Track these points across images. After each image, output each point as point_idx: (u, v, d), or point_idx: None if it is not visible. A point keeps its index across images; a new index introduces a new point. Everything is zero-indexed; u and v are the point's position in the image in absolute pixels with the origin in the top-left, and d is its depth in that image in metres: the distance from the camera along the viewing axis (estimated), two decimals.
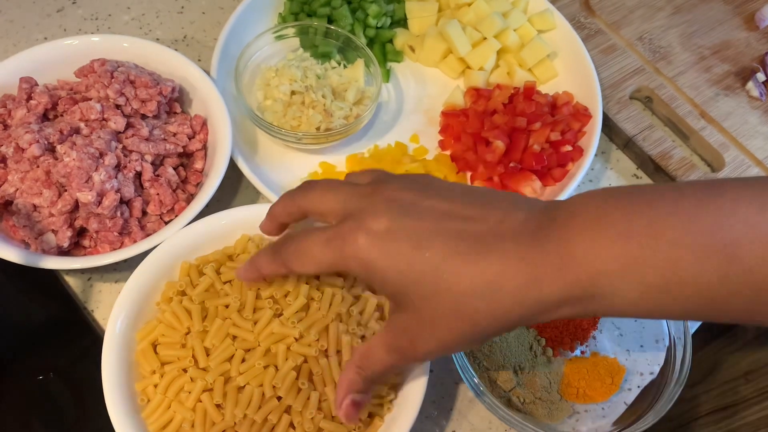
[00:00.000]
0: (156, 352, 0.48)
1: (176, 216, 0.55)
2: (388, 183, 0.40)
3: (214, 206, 0.55)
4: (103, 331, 0.54)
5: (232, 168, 0.57)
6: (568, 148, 0.61)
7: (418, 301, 0.37)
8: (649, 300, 0.34)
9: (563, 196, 0.59)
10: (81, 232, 0.54)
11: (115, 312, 0.48)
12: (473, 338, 0.37)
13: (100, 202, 0.52)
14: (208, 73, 0.61)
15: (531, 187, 0.60)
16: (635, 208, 0.34)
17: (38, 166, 0.52)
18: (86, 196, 0.51)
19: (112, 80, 0.56)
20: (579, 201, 0.35)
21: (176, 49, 0.61)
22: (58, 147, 0.52)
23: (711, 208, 0.33)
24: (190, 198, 0.57)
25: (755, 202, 0.32)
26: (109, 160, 0.53)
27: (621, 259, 0.33)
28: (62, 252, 0.53)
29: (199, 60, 0.69)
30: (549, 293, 0.34)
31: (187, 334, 0.47)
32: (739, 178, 0.39)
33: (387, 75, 0.69)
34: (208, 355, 0.46)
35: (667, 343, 0.56)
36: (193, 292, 0.49)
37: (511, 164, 0.61)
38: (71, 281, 0.56)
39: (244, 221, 0.53)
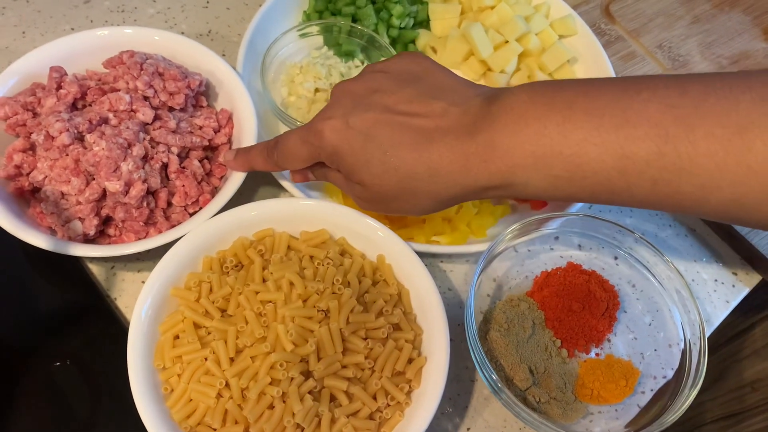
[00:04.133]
0: (177, 345, 0.49)
1: (201, 208, 0.56)
2: (349, 80, 0.48)
3: (236, 199, 0.55)
4: (125, 320, 0.55)
5: None
6: None
7: (369, 178, 0.45)
8: (557, 188, 0.40)
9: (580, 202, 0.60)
10: (106, 221, 0.55)
11: (140, 302, 0.48)
12: (412, 209, 0.47)
13: (127, 192, 0.52)
14: (233, 68, 0.61)
15: None
16: (555, 108, 0.39)
17: (67, 155, 0.53)
18: (114, 186, 0.52)
19: (142, 72, 0.56)
20: (512, 96, 0.41)
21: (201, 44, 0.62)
22: (87, 136, 0.53)
23: (622, 106, 0.37)
24: (214, 191, 0.58)
25: (664, 101, 0.37)
26: (137, 150, 0.53)
27: (534, 155, 0.39)
28: (88, 240, 0.54)
29: (224, 55, 0.69)
30: (476, 180, 0.41)
31: (209, 333, 0.48)
32: (660, 75, 0.44)
33: None
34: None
35: (682, 347, 0.57)
36: (215, 294, 0.50)
37: None
38: (95, 269, 0.57)
39: (269, 214, 0.54)
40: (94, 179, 0.53)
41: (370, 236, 0.54)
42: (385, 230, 0.53)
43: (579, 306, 0.57)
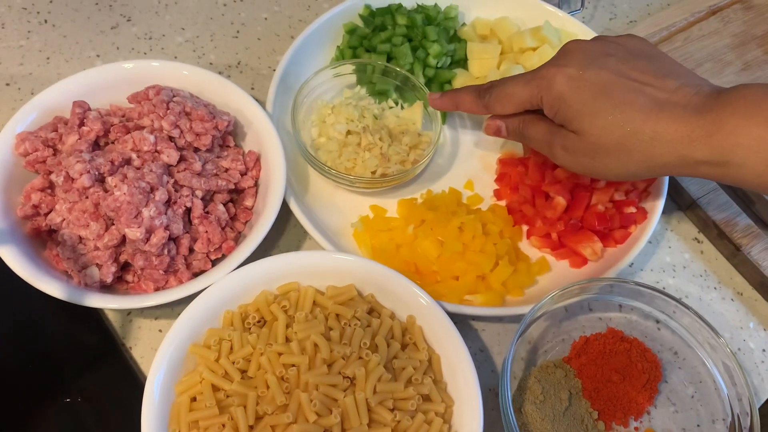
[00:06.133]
0: (194, 409, 0.46)
1: (223, 255, 0.53)
2: (584, 40, 0.51)
3: (259, 245, 0.52)
4: (140, 370, 0.53)
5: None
6: (632, 209, 0.59)
7: (590, 128, 0.47)
8: None
9: (626, 261, 0.56)
10: (124, 266, 0.52)
11: (156, 366, 0.45)
12: (618, 170, 0.48)
13: (148, 239, 0.50)
14: (261, 103, 0.59)
15: (591, 248, 0.58)
16: None
17: (87, 198, 0.50)
18: (135, 233, 0.49)
19: (168, 111, 0.54)
20: (745, 89, 0.44)
21: (229, 75, 0.59)
22: (109, 179, 0.50)
23: None
24: (237, 236, 0.55)
25: None
26: (160, 195, 0.51)
27: (760, 138, 0.41)
28: (104, 286, 0.51)
29: (252, 88, 0.67)
30: (694, 151, 0.44)
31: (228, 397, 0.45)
32: None
33: (444, 116, 0.66)
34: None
35: (729, 422, 0.53)
36: (236, 354, 0.47)
37: (572, 221, 0.58)
38: (110, 314, 0.54)
39: (296, 267, 0.51)
40: (113, 224, 0.50)
41: (400, 294, 0.51)
42: (417, 289, 0.50)
43: (619, 377, 0.53)
